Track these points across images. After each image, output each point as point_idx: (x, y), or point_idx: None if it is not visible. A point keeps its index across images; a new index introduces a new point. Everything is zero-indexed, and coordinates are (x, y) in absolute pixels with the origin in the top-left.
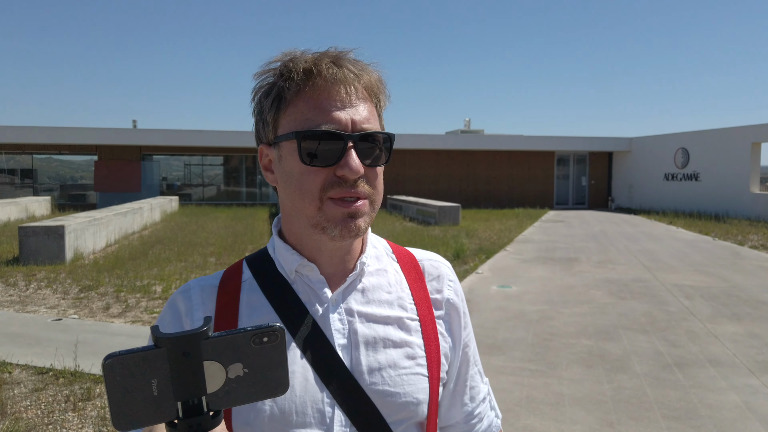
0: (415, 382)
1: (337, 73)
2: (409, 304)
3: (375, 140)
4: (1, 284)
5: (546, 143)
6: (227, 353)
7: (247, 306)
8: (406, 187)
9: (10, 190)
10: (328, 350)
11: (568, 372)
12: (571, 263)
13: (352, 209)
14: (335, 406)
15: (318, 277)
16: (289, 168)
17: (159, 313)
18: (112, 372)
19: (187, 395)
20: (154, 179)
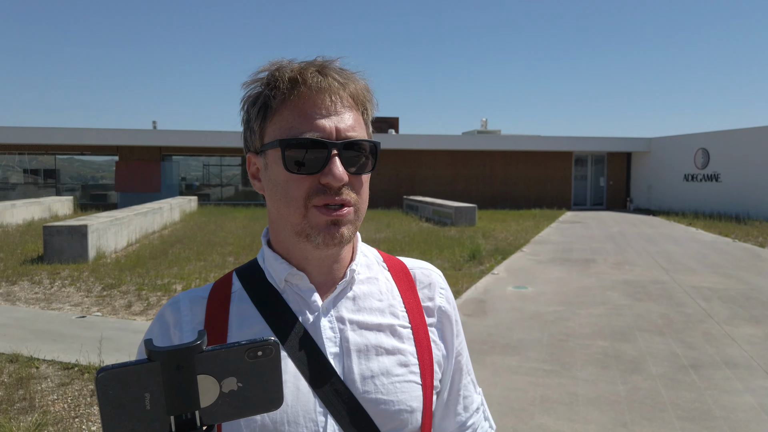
0: (408, 390)
1: (322, 81)
2: (400, 312)
3: (360, 148)
4: (26, 282)
5: (563, 143)
6: (221, 367)
7: (237, 317)
8: (423, 187)
9: (34, 190)
10: (320, 359)
11: (582, 372)
12: (588, 264)
13: (336, 216)
14: (328, 415)
15: (308, 286)
16: (274, 176)
17: None
18: (105, 385)
19: (180, 409)
20: (173, 179)
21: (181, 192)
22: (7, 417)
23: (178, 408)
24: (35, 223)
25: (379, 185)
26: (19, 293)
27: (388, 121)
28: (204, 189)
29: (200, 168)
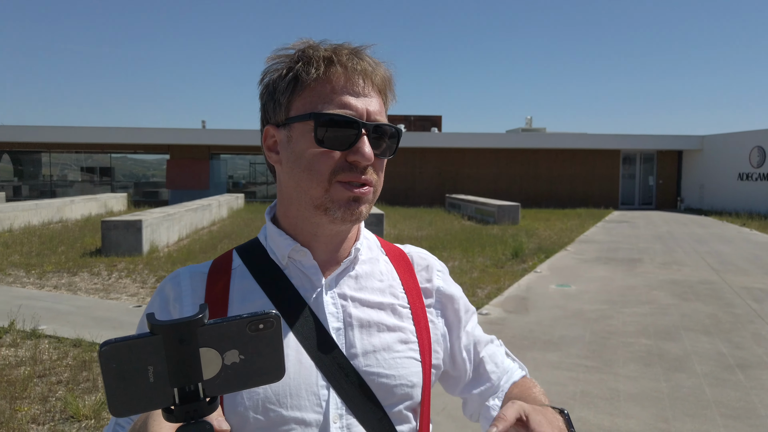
0: (408, 366)
1: (358, 64)
2: (400, 293)
3: (385, 132)
4: (86, 273)
5: (611, 141)
6: (223, 340)
7: (239, 292)
8: (465, 186)
9: (90, 187)
10: (322, 333)
11: (624, 369)
12: (634, 264)
13: (358, 193)
14: (330, 388)
15: (311, 263)
16: (299, 149)
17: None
18: (109, 359)
19: (183, 382)
20: (221, 177)
21: (228, 189)
22: (73, 395)
23: (181, 380)
24: (92, 218)
25: (421, 183)
26: (79, 283)
27: (431, 119)
28: (250, 187)
29: (247, 166)
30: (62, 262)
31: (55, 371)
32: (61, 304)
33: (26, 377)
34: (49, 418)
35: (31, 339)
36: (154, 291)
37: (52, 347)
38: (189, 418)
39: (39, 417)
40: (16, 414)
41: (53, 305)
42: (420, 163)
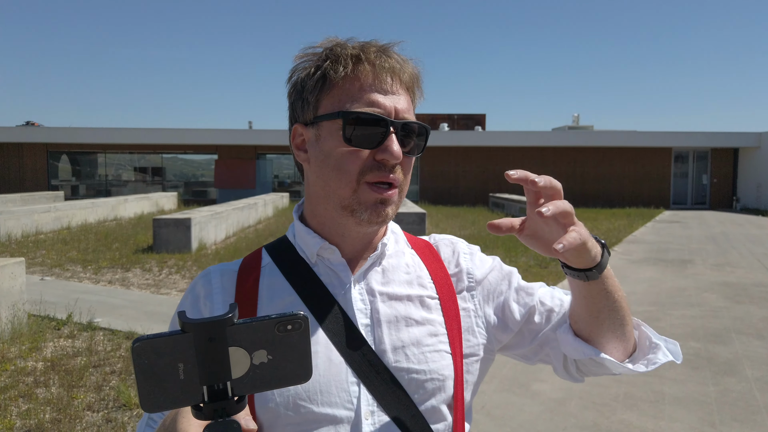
0: (438, 359)
1: (385, 61)
2: (428, 283)
3: (413, 130)
4: (138, 269)
5: (662, 139)
6: (252, 340)
7: (268, 289)
8: (510, 185)
9: (143, 186)
10: (351, 330)
11: (671, 372)
12: (685, 265)
13: (385, 196)
14: (360, 384)
15: (339, 260)
16: (328, 148)
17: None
18: (141, 355)
19: (212, 380)
20: (267, 177)
21: (274, 189)
22: (125, 385)
23: (210, 378)
24: (145, 216)
25: (464, 182)
26: (132, 279)
27: (474, 117)
28: (295, 186)
29: (292, 166)
30: (116, 259)
31: (109, 362)
32: (115, 298)
33: (82, 367)
34: (103, 405)
35: (87, 331)
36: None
37: (107, 339)
38: (217, 416)
39: (94, 405)
40: (73, 401)
41: (108, 299)
42: (463, 161)
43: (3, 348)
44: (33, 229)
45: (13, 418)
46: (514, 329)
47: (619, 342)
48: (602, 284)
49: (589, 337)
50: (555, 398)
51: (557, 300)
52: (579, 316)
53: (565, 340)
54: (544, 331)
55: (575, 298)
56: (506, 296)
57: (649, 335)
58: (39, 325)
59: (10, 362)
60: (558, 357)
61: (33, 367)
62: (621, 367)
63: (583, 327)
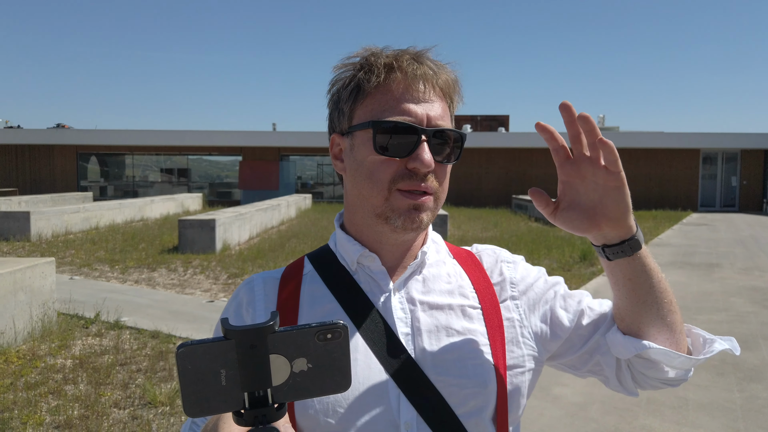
0: (480, 371)
1: (417, 69)
2: (470, 293)
3: (447, 137)
4: (164, 269)
5: (690, 140)
6: (292, 348)
7: (309, 296)
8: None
9: (169, 187)
10: (391, 338)
11: (695, 378)
12: (712, 269)
13: (418, 202)
14: (400, 394)
15: (379, 268)
16: (361, 157)
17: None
18: (185, 360)
19: (253, 386)
20: (290, 178)
21: (297, 190)
22: (151, 383)
23: (251, 385)
24: (170, 217)
25: (487, 184)
26: (158, 279)
27: (497, 119)
28: (318, 187)
29: (315, 167)
30: (143, 259)
31: (135, 360)
32: (141, 297)
33: (109, 365)
34: (129, 403)
35: (114, 330)
36: (229, 294)
37: (133, 338)
38: (257, 422)
39: (120, 402)
40: (100, 398)
41: (134, 298)
42: (486, 163)
43: (34, 345)
44: (63, 229)
45: (43, 414)
46: (563, 336)
47: (671, 333)
48: (643, 260)
49: (639, 332)
50: (576, 402)
51: (605, 306)
52: (625, 310)
53: (614, 339)
54: (594, 337)
55: (619, 289)
56: (552, 304)
57: (702, 334)
58: (68, 323)
59: (40, 359)
60: (610, 365)
61: (62, 365)
62: (676, 357)
63: (631, 321)
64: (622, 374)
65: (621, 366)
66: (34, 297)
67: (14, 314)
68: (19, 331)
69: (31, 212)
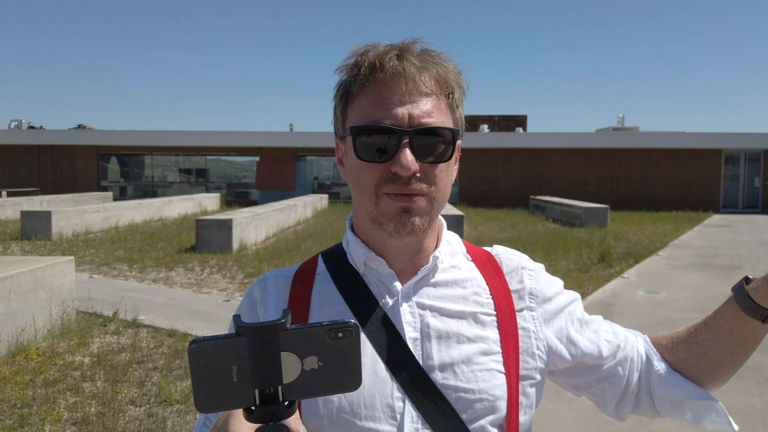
0: (490, 379)
1: (397, 66)
2: (485, 299)
3: (437, 135)
4: (181, 269)
5: (712, 140)
6: (303, 346)
7: (319, 297)
8: (551, 187)
9: (187, 187)
10: (399, 343)
11: None
12: (733, 271)
13: (407, 204)
14: (406, 400)
15: (387, 271)
16: (350, 163)
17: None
18: (197, 356)
19: (264, 383)
20: (307, 178)
21: (313, 190)
22: (167, 381)
23: (262, 382)
24: (188, 217)
25: (504, 185)
26: (175, 278)
27: (515, 119)
28: (334, 188)
29: (331, 168)
30: (160, 258)
31: (152, 358)
32: (158, 296)
33: (126, 363)
34: (145, 401)
35: (132, 328)
36: (244, 293)
37: (150, 336)
38: (268, 419)
39: (136, 399)
40: (117, 396)
41: (151, 297)
42: (503, 164)
43: (53, 343)
44: (83, 228)
45: (61, 410)
46: (575, 358)
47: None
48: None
49: (704, 381)
50: (591, 405)
51: (621, 336)
52: (715, 361)
53: (674, 380)
54: (608, 365)
55: (722, 336)
56: (568, 324)
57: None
58: (87, 321)
59: (59, 357)
60: (614, 394)
61: (80, 362)
62: (718, 420)
63: (710, 370)
64: (623, 404)
65: (626, 397)
66: (53, 295)
67: (34, 312)
68: (38, 328)
69: (52, 212)
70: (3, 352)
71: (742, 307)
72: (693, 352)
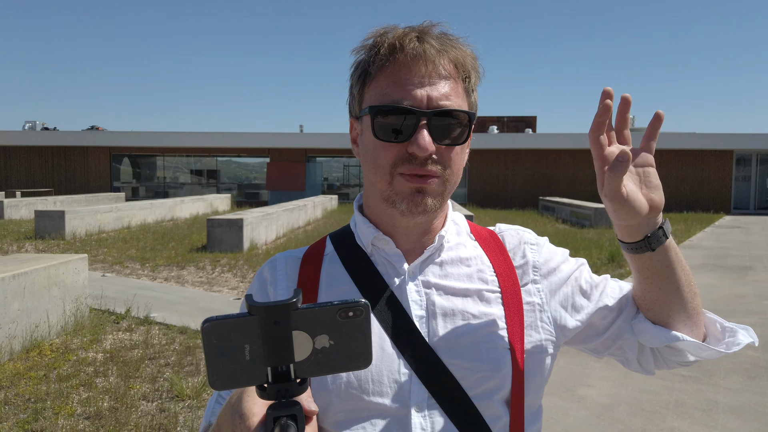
0: (495, 355)
1: (418, 48)
2: (490, 277)
3: (454, 118)
4: (193, 267)
5: (723, 141)
6: (315, 324)
7: (327, 276)
8: (561, 188)
9: (198, 188)
10: (405, 321)
11: (726, 381)
12: (745, 272)
13: (421, 185)
14: (413, 376)
15: (394, 251)
16: (366, 142)
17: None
18: (210, 335)
19: (276, 362)
20: (317, 179)
21: (323, 191)
22: (178, 377)
23: (274, 360)
24: (200, 217)
25: (513, 185)
26: (186, 276)
27: (524, 120)
28: (344, 189)
29: (341, 169)
30: (172, 257)
31: (164, 355)
32: (170, 294)
33: (139, 359)
34: (157, 396)
35: (144, 325)
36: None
37: (162, 333)
38: (280, 396)
39: (148, 395)
40: (130, 391)
41: (163, 295)
42: (513, 164)
43: (66, 339)
44: (96, 228)
45: (74, 405)
46: (584, 322)
47: (693, 320)
48: (675, 248)
49: (667, 321)
50: (602, 403)
51: (627, 292)
52: (653, 300)
53: (644, 328)
54: (617, 322)
55: (650, 281)
56: (574, 289)
57: (718, 320)
58: (100, 318)
59: (72, 353)
60: (632, 349)
61: (93, 358)
62: (705, 349)
63: (660, 310)
64: (644, 357)
65: (644, 350)
66: (67, 292)
67: (48, 309)
68: (52, 324)
69: (66, 212)
70: (17, 347)
71: (625, 251)
72: (640, 303)
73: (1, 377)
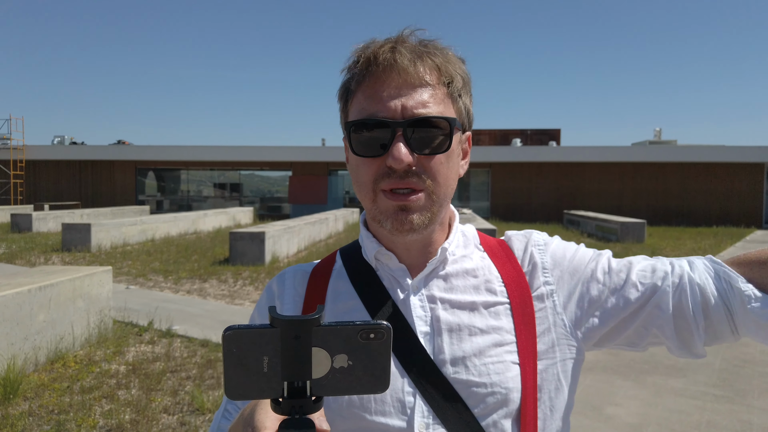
0: (502, 371)
1: (389, 58)
2: (498, 287)
3: (433, 125)
4: (215, 280)
5: (753, 154)
6: (335, 343)
7: (334, 291)
8: (586, 201)
9: (221, 201)
10: (410, 337)
11: (760, 401)
12: None
13: (404, 203)
14: (417, 395)
15: (397, 265)
16: (350, 160)
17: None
18: (230, 343)
19: (293, 376)
20: (338, 192)
21: (344, 204)
22: (199, 390)
23: (291, 375)
24: (222, 230)
25: (537, 199)
26: (209, 289)
27: (548, 132)
28: None
29: None
30: (195, 270)
31: (185, 368)
32: (192, 307)
33: (160, 372)
34: (178, 409)
35: (166, 338)
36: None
37: (183, 346)
38: (294, 412)
39: (170, 408)
40: (151, 404)
41: (185, 308)
42: (536, 177)
43: (90, 351)
44: (121, 240)
45: (96, 417)
46: (605, 317)
47: None
48: None
49: None
50: (630, 423)
51: (660, 272)
52: None
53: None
54: (648, 309)
55: None
56: (590, 283)
57: None
58: (123, 330)
59: (95, 365)
60: (669, 335)
61: (116, 370)
62: None
63: None
64: (692, 340)
65: (689, 330)
66: (91, 304)
67: (73, 320)
68: (77, 336)
69: (91, 224)
70: (42, 359)
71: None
72: None
73: (26, 388)
